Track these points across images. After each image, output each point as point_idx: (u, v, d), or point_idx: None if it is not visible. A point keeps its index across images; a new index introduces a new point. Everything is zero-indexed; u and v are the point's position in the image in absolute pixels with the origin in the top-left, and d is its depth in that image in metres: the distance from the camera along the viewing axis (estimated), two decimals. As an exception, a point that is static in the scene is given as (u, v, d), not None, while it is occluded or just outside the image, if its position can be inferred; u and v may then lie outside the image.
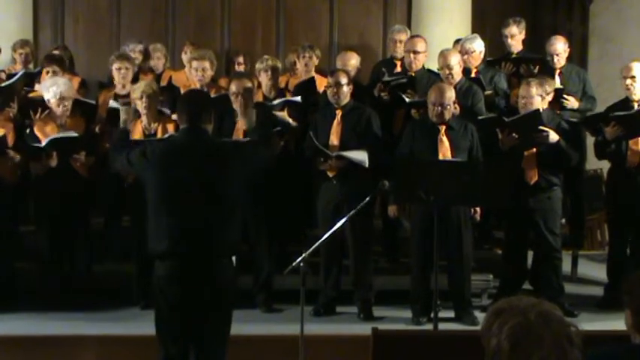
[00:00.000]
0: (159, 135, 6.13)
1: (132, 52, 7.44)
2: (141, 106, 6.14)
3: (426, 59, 6.93)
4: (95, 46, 8.78)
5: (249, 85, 6.26)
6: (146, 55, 7.70)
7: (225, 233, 4.07)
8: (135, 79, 6.94)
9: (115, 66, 6.80)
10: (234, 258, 4.26)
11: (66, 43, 8.54)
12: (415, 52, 6.82)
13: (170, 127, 6.18)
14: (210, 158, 4.13)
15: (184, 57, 7.55)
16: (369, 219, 6.19)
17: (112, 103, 6.48)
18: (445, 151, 5.98)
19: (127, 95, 6.52)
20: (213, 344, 4.11)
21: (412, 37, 7.16)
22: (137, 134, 6.12)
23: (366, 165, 6.01)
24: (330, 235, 4.81)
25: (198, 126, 4.14)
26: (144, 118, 6.20)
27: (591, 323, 5.33)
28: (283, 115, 6.55)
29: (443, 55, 6.62)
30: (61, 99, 6.21)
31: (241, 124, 6.04)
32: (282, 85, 7.16)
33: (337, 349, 5.31)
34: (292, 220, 6.77)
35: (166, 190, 4.05)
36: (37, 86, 6.94)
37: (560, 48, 7.10)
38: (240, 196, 4.18)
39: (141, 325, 5.83)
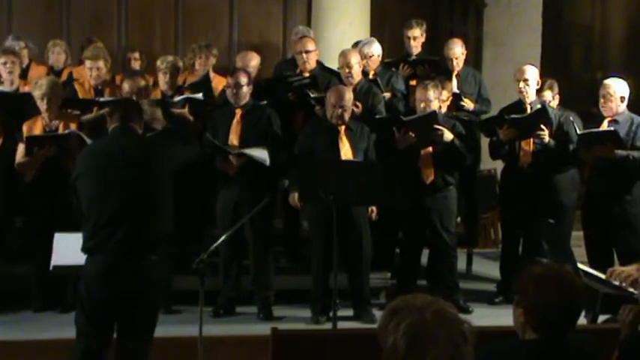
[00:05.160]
0: (60, 131, 6.08)
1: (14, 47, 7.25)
2: (42, 102, 6.08)
3: (317, 57, 6.99)
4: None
5: (143, 83, 6.19)
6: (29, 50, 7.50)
7: (161, 228, 4.19)
8: (23, 75, 6.84)
9: (0, 61, 6.62)
10: None
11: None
12: (307, 52, 6.88)
13: (73, 125, 6.15)
14: (145, 154, 4.26)
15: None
16: (269, 218, 6.19)
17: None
18: (346, 152, 6.05)
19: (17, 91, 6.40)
20: (138, 340, 4.21)
21: (301, 37, 7.22)
22: (37, 130, 6.08)
23: (267, 163, 6.00)
24: (229, 235, 4.79)
25: (129, 125, 4.29)
26: (44, 115, 6.13)
27: (485, 319, 5.46)
28: (184, 112, 6.49)
29: (343, 54, 6.68)
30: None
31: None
32: (180, 83, 7.08)
33: (237, 350, 5.29)
34: (191, 220, 6.69)
35: (98, 188, 4.15)
36: None
37: (458, 52, 7.27)
38: (169, 190, 4.29)
39: (35, 329, 5.68)
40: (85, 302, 4.18)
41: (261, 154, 6.01)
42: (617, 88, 6.33)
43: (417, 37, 7.44)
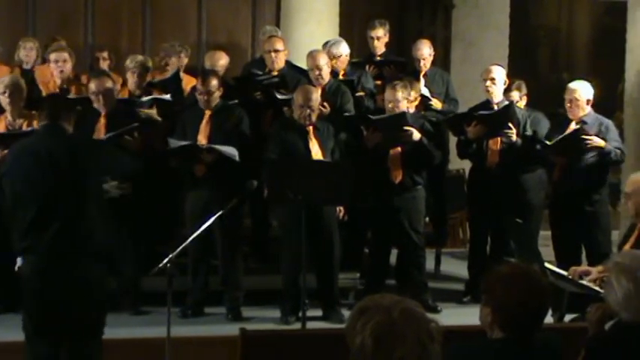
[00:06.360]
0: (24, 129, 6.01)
1: None
2: (4, 101, 6.01)
3: (286, 57, 6.99)
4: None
5: (110, 84, 6.13)
6: None
7: (90, 229, 4.08)
8: None
9: None
10: None
11: None
12: (276, 51, 6.87)
13: (36, 123, 6.03)
14: (72, 155, 4.13)
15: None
16: (238, 219, 6.16)
17: None
18: (317, 152, 6.05)
19: None
20: (86, 343, 4.12)
21: (270, 37, 7.21)
22: (1, 129, 6.01)
23: (237, 158, 5.97)
24: (198, 236, 4.76)
25: (57, 123, 4.16)
26: (8, 114, 6.07)
27: (453, 318, 5.48)
28: (151, 112, 6.45)
29: (312, 55, 6.68)
30: None
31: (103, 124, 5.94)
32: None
33: (205, 351, 5.27)
34: (160, 220, 6.65)
35: (28, 187, 4.04)
36: None
37: (426, 52, 7.29)
38: (98, 190, 4.22)
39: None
40: (26, 305, 4.10)
41: (231, 150, 6.00)
42: (583, 92, 6.41)
43: (380, 37, 7.47)
